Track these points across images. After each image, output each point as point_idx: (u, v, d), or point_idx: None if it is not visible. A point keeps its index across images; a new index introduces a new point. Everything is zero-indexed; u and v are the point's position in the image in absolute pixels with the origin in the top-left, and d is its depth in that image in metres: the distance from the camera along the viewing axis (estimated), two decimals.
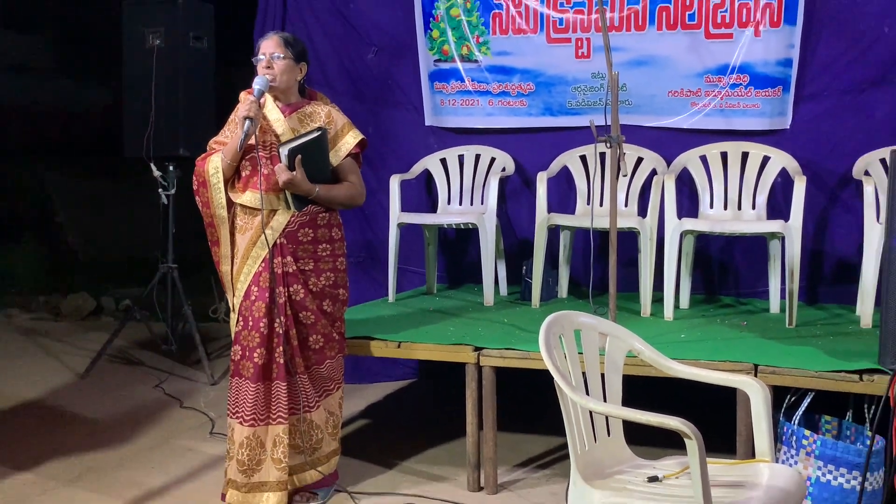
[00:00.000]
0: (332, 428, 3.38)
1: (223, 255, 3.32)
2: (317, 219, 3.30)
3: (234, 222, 3.30)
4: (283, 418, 3.20)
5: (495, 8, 4.73)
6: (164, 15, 5.15)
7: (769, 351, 3.42)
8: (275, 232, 3.23)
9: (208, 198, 3.28)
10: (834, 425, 3.28)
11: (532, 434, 4.11)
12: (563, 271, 4.65)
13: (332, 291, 3.34)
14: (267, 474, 3.18)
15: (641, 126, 4.58)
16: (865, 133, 4.30)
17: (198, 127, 5.10)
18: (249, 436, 3.18)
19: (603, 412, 2.42)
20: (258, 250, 3.24)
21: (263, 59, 3.24)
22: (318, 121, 3.33)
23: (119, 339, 5.53)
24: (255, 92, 3.18)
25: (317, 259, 3.30)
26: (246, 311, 3.23)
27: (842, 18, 4.32)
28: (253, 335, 3.19)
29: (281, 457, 3.18)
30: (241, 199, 3.26)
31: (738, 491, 2.24)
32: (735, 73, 4.43)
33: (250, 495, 3.18)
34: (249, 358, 3.19)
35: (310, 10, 4.97)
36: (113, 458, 3.89)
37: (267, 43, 3.27)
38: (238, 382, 3.23)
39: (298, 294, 3.25)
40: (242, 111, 3.15)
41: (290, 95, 3.34)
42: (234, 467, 3.18)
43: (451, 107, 4.89)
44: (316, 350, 3.31)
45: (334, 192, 3.32)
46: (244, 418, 3.18)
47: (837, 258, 4.45)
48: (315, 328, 3.29)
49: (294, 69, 3.30)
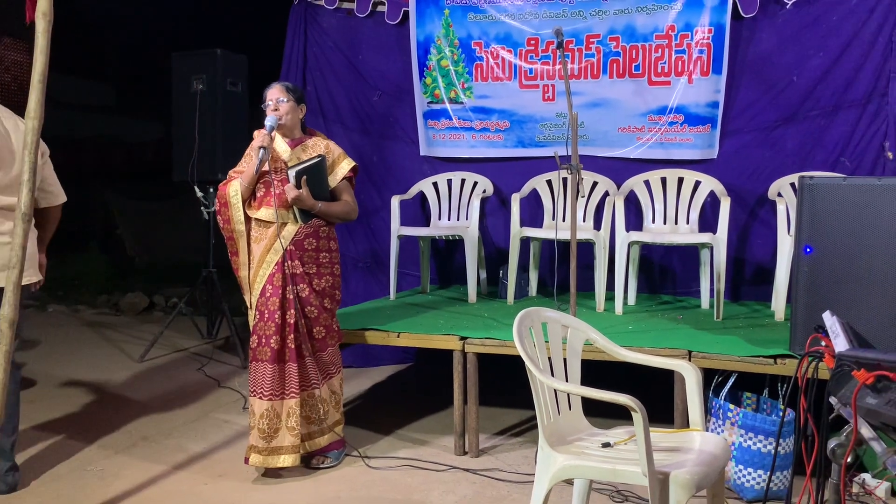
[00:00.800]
0: (336, 403, 3.40)
1: (241, 262, 3.33)
2: (319, 231, 3.32)
3: (250, 234, 3.32)
4: (295, 393, 3.21)
5: (477, 60, 4.74)
6: (206, 64, 5.15)
7: (701, 339, 3.42)
8: (286, 240, 3.25)
9: (229, 216, 3.30)
10: (753, 400, 3.28)
11: (508, 408, 4.10)
12: (533, 274, 4.65)
13: (330, 291, 3.36)
14: (283, 440, 3.19)
15: (596, 156, 4.59)
16: (778, 162, 4.32)
17: (233, 156, 5.02)
18: (268, 408, 3.18)
19: (565, 390, 2.42)
20: (272, 256, 3.25)
21: (271, 104, 3.28)
22: (319, 150, 3.37)
23: (168, 331, 5.50)
24: (266, 128, 3.23)
25: (319, 264, 3.32)
26: (262, 307, 3.24)
27: (759, 69, 4.35)
28: (269, 325, 3.21)
29: (294, 425, 3.19)
30: (257, 214, 3.28)
31: (675, 454, 2.24)
32: (672, 113, 4.45)
33: (270, 458, 3.18)
34: (266, 344, 3.20)
35: (326, 61, 4.97)
36: (163, 430, 3.87)
37: (272, 91, 3.32)
38: (256, 366, 3.23)
39: (304, 292, 3.26)
40: (257, 142, 3.21)
41: (294, 132, 3.37)
42: (255, 435, 3.19)
43: (442, 140, 4.89)
44: (319, 339, 3.32)
45: (333, 207, 3.35)
46: (263, 394, 3.19)
47: (756, 263, 4.45)
48: (318, 321, 3.30)
49: (296, 110, 3.34)
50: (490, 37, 4.70)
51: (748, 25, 4.31)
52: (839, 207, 2.92)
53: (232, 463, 3.41)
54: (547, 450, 2.25)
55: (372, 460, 3.43)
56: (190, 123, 5.11)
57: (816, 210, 2.95)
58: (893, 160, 4.11)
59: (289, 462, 3.19)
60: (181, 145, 5.20)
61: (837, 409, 1.80)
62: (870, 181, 2.95)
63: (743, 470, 3.02)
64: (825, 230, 2.94)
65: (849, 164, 4.19)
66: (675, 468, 2.08)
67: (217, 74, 5.13)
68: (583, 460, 2.21)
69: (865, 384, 1.64)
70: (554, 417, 2.37)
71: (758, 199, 4.37)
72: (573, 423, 2.48)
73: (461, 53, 4.75)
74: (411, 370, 5.03)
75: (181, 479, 3.26)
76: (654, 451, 2.07)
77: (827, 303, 2.77)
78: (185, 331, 5.92)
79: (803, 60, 4.25)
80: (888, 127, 4.11)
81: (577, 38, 4.54)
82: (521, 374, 2.34)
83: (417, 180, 4.84)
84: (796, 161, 4.27)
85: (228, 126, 5.17)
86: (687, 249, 4.43)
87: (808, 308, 2.95)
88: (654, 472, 2.04)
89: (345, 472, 3.31)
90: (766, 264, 4.34)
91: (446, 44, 4.76)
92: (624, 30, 4.47)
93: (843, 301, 2.87)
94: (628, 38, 4.46)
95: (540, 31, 4.60)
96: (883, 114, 4.13)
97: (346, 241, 4.86)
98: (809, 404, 1.96)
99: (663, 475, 2.05)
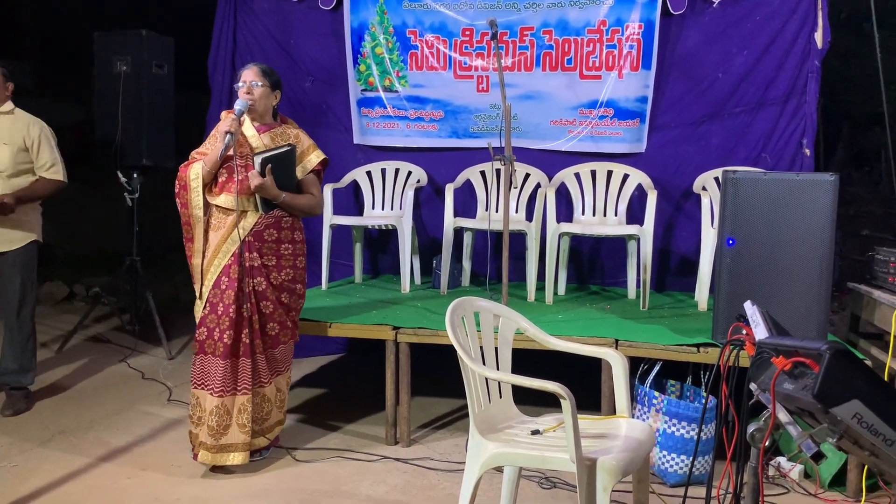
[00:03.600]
0: (280, 402, 3.31)
1: (196, 249, 3.20)
2: (281, 222, 3.22)
3: (208, 221, 3.19)
4: (247, 389, 3.12)
5: (412, 48, 4.70)
6: (130, 45, 4.95)
7: (627, 328, 3.49)
8: (245, 230, 3.14)
9: (188, 199, 3.17)
10: (677, 388, 3.36)
11: (440, 397, 4.11)
12: (466, 265, 4.65)
13: (290, 285, 3.25)
14: (233, 437, 3.10)
15: (529, 148, 4.61)
16: (703, 157, 4.43)
17: (158, 141, 4.96)
18: (218, 405, 3.08)
19: (496, 378, 2.43)
20: (229, 246, 3.14)
21: (244, 86, 3.15)
22: (288, 139, 3.25)
23: (89, 322, 5.29)
24: (235, 112, 3.10)
25: (279, 256, 3.21)
26: (215, 298, 3.13)
27: (686, 66, 4.45)
28: (223, 319, 3.10)
29: (245, 422, 3.11)
30: (216, 200, 3.16)
31: (602, 441, 2.28)
32: (603, 107, 4.52)
33: (220, 455, 3.09)
34: (220, 339, 3.09)
35: (257, 46, 4.85)
36: (82, 423, 3.72)
37: (248, 72, 3.18)
38: (204, 359, 3.12)
39: (261, 286, 3.16)
40: (224, 126, 3.07)
41: (265, 118, 3.25)
42: (205, 432, 3.09)
43: (376, 129, 4.84)
44: (272, 336, 3.22)
45: (298, 200, 3.23)
46: (214, 389, 3.09)
47: (680, 255, 4.56)
48: (272, 317, 3.21)
49: (270, 95, 3.22)
50: (425, 26, 4.66)
51: (677, 22, 4.41)
52: (760, 201, 3.02)
53: (156, 456, 3.31)
54: (477, 438, 2.26)
55: (301, 452, 3.38)
56: (113, 106, 4.90)
57: (739, 204, 3.04)
58: (811, 157, 4.28)
59: (238, 460, 3.10)
60: (103, 129, 4.99)
61: (757, 395, 1.86)
62: (789, 176, 3.07)
63: (667, 455, 3.10)
64: (747, 223, 3.04)
65: (769, 159, 4.34)
66: (602, 454, 2.12)
67: (142, 56, 4.93)
68: (512, 448, 2.22)
69: (783, 370, 1.70)
70: (485, 406, 2.38)
71: (683, 192, 4.48)
72: (504, 411, 2.49)
73: (396, 41, 4.71)
74: (343, 361, 4.98)
75: (102, 473, 3.14)
76: (581, 437, 2.10)
77: (748, 293, 2.86)
78: (108, 321, 5.72)
79: (728, 58, 4.37)
80: (806, 125, 4.28)
81: (512, 30, 4.55)
82: (453, 364, 2.34)
83: (350, 169, 4.78)
84: (720, 156, 4.40)
85: (154, 110, 4.98)
86: (615, 241, 4.51)
87: (730, 298, 3.05)
88: (581, 458, 2.07)
89: (273, 465, 3.25)
90: (690, 256, 4.45)
91: (381, 31, 4.71)
92: (557, 23, 4.51)
93: (763, 291, 2.98)
94: (561, 31, 4.51)
95: (475, 22, 4.59)
96: (801, 112, 4.29)
97: None
98: (731, 391, 2.01)
99: (590, 461, 2.09)
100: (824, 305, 3.00)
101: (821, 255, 2.97)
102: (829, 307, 3.08)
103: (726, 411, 2.02)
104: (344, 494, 2.98)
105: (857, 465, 2.99)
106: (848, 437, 1.59)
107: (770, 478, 3.15)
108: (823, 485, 3.07)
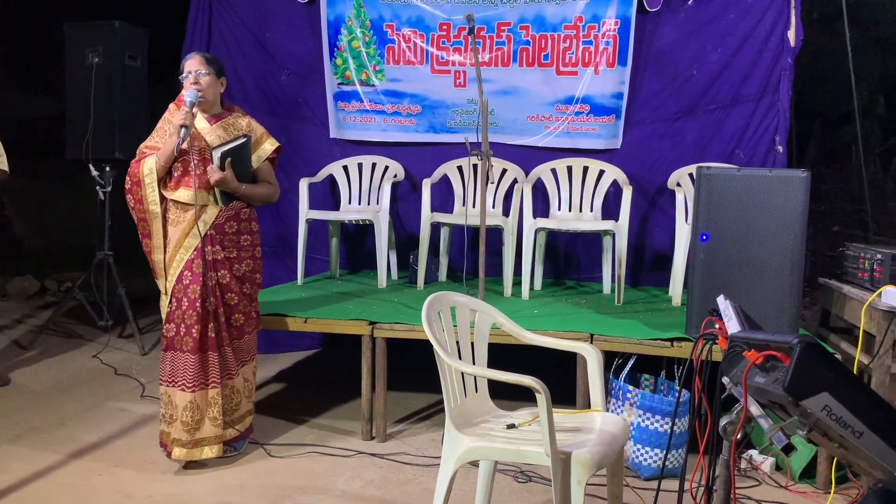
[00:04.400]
0: (248, 392, 3.30)
1: (155, 245, 3.16)
2: (240, 214, 3.20)
3: (165, 216, 3.14)
4: (216, 382, 3.11)
5: (389, 42, 4.68)
6: (103, 36, 4.87)
7: (602, 323, 3.51)
8: (206, 224, 3.11)
9: (142, 196, 3.12)
10: (651, 382, 3.39)
11: (415, 392, 4.10)
12: (443, 259, 4.66)
13: (251, 276, 3.26)
14: (206, 431, 3.08)
15: (506, 143, 4.62)
16: (678, 153, 4.47)
17: (132, 133, 4.86)
18: (191, 400, 3.06)
19: (472, 373, 2.43)
20: (190, 240, 3.11)
21: (190, 76, 3.11)
22: (241, 129, 3.23)
23: (61, 317, 5.22)
24: (187, 104, 3.05)
25: (239, 248, 3.21)
26: (180, 294, 3.10)
27: (661, 63, 4.48)
28: (190, 313, 3.07)
29: (216, 415, 3.09)
30: (174, 195, 3.11)
31: (577, 434, 2.29)
32: (579, 103, 4.54)
33: (194, 450, 3.07)
34: (188, 333, 3.07)
35: (232, 37, 4.80)
36: (54, 419, 3.66)
37: (191, 62, 3.13)
38: (174, 355, 3.09)
39: (225, 278, 3.15)
40: (179, 120, 3.01)
41: (214, 107, 3.21)
42: (178, 428, 3.06)
43: (352, 123, 4.81)
44: (237, 327, 3.22)
45: (256, 190, 3.23)
46: (186, 385, 3.06)
47: (655, 251, 4.60)
48: (238, 308, 3.20)
49: (216, 83, 3.19)
50: (402, 20, 4.65)
51: (652, 19, 4.44)
52: (733, 197, 3.05)
53: (129, 452, 3.27)
54: (453, 432, 2.26)
55: (277, 448, 3.36)
56: (85, 98, 4.82)
57: (712, 199, 3.07)
58: (783, 153, 4.33)
59: (213, 453, 3.09)
60: (75, 121, 4.91)
61: (729, 389, 1.88)
62: (762, 173, 3.10)
63: (641, 449, 3.12)
64: (720, 219, 3.07)
65: (743, 156, 4.39)
66: (577, 448, 2.13)
67: (115, 47, 4.86)
68: (488, 442, 2.23)
69: (755, 364, 1.72)
70: (461, 400, 2.38)
71: (658, 188, 4.52)
72: (479, 405, 2.49)
73: (373, 35, 4.68)
74: (319, 356, 4.96)
75: (74, 470, 3.10)
76: (556, 431, 2.10)
77: (721, 287, 2.89)
78: (80, 317, 5.63)
79: (703, 55, 4.41)
80: (779, 122, 4.33)
81: (489, 25, 4.55)
82: (429, 359, 2.34)
83: (327, 163, 4.75)
84: (695, 152, 4.44)
85: (126, 102, 4.91)
86: (590, 236, 4.54)
87: (704, 293, 3.08)
88: (556, 452, 2.08)
89: (248, 461, 3.23)
90: (664, 251, 4.49)
91: (357, 24, 4.68)
92: (534, 19, 4.51)
93: (736, 286, 3.01)
94: (538, 27, 4.51)
95: (452, 17, 4.58)
96: (774, 109, 4.34)
97: None
98: (703, 385, 2.03)
99: (565, 455, 2.09)
100: (796, 300, 3.04)
101: (793, 251, 3.01)
102: (801, 302, 3.12)
103: (699, 405, 2.04)
104: (319, 490, 2.97)
105: (826, 457, 3.03)
106: (817, 430, 1.61)
107: (742, 470, 3.19)
108: (794, 477, 3.12)
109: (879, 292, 3.09)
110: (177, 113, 3.09)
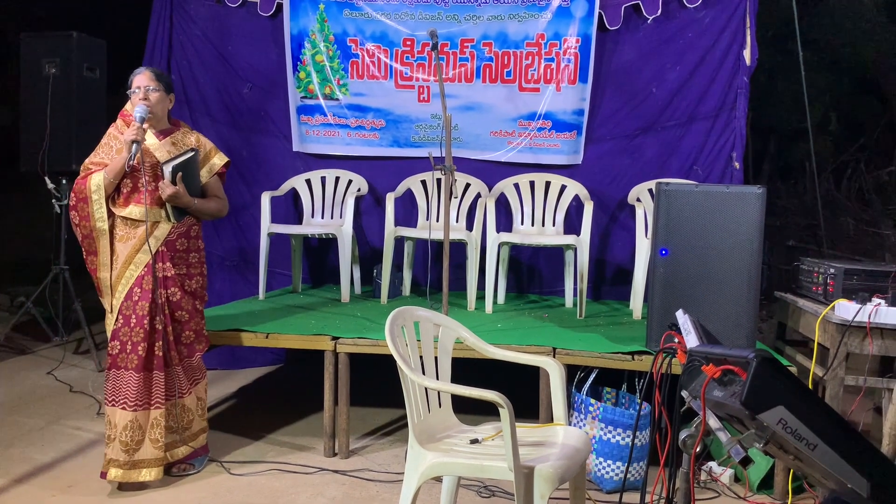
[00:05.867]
0: (201, 410, 3.26)
1: (101, 263, 3.08)
2: (190, 230, 3.18)
3: (113, 233, 3.08)
4: (160, 403, 3.05)
5: (353, 57, 4.69)
6: (60, 47, 4.78)
7: (564, 337, 3.53)
8: (158, 240, 3.08)
9: (88, 212, 3.04)
10: (613, 395, 3.41)
11: (379, 407, 4.08)
12: (407, 274, 4.65)
13: (201, 293, 3.24)
14: (146, 452, 3.02)
15: (469, 158, 4.65)
16: (638, 169, 4.54)
17: (89, 146, 4.67)
18: (132, 419, 3.00)
19: (435, 388, 2.43)
20: (141, 256, 3.06)
21: (139, 91, 3.07)
22: (190, 145, 3.21)
23: (15, 333, 5.08)
24: (137, 119, 3.01)
25: (189, 265, 3.18)
26: (128, 311, 3.04)
27: (621, 80, 4.56)
28: (137, 331, 3.02)
29: (158, 437, 3.03)
30: (124, 212, 3.06)
31: (540, 448, 2.30)
32: (541, 119, 4.59)
33: (133, 472, 3.00)
34: (133, 351, 3.01)
35: (193, 49, 4.76)
36: (5, 438, 3.55)
37: (140, 77, 3.10)
38: (117, 374, 3.03)
39: (175, 295, 3.11)
40: (129, 135, 2.96)
41: (161, 123, 3.18)
42: (116, 448, 2.99)
43: (316, 136, 4.80)
44: (188, 344, 3.18)
45: (207, 204, 3.22)
46: (127, 404, 3.00)
47: (616, 265, 4.65)
48: (189, 325, 3.16)
49: (165, 99, 3.16)
50: (366, 34, 4.66)
51: (612, 38, 4.51)
52: (692, 213, 3.11)
53: (84, 473, 3.18)
54: (416, 448, 2.25)
55: (237, 465, 3.31)
56: (41, 110, 4.73)
57: (671, 215, 3.12)
58: (740, 169, 4.42)
59: (151, 476, 3.02)
60: (30, 133, 4.80)
61: (688, 402, 1.91)
62: (719, 188, 3.16)
63: (603, 462, 3.14)
64: (679, 234, 3.12)
65: (701, 172, 4.48)
66: (540, 462, 2.14)
67: (72, 59, 4.78)
68: (451, 457, 2.22)
69: (713, 378, 1.75)
70: (424, 415, 2.38)
71: (618, 203, 4.58)
72: (443, 420, 2.49)
73: (336, 49, 4.68)
74: (281, 372, 4.90)
75: (24, 492, 3.01)
76: (520, 445, 2.11)
77: (680, 302, 2.94)
78: (34, 332, 5.49)
79: (662, 73, 4.50)
80: (736, 138, 4.43)
81: (452, 41, 4.58)
82: (393, 374, 2.33)
83: (289, 177, 4.72)
84: (654, 168, 4.51)
85: (84, 114, 4.83)
86: (553, 250, 4.58)
87: (663, 307, 3.12)
88: (519, 466, 2.08)
89: (208, 479, 3.17)
90: (625, 265, 4.55)
91: (321, 39, 4.68)
92: (497, 36, 4.56)
93: (694, 300, 3.06)
94: (501, 44, 4.56)
95: (416, 32, 4.61)
96: (731, 126, 4.44)
97: (212, 238, 4.66)
98: (663, 398, 2.06)
99: (528, 469, 2.10)
100: (753, 314, 3.10)
101: (749, 265, 3.07)
102: (758, 315, 3.19)
103: (659, 418, 2.07)
104: None
105: (783, 468, 3.09)
106: (774, 442, 1.65)
107: (702, 482, 3.23)
108: (752, 488, 3.17)
109: (833, 306, 3.17)
110: (125, 129, 3.05)
